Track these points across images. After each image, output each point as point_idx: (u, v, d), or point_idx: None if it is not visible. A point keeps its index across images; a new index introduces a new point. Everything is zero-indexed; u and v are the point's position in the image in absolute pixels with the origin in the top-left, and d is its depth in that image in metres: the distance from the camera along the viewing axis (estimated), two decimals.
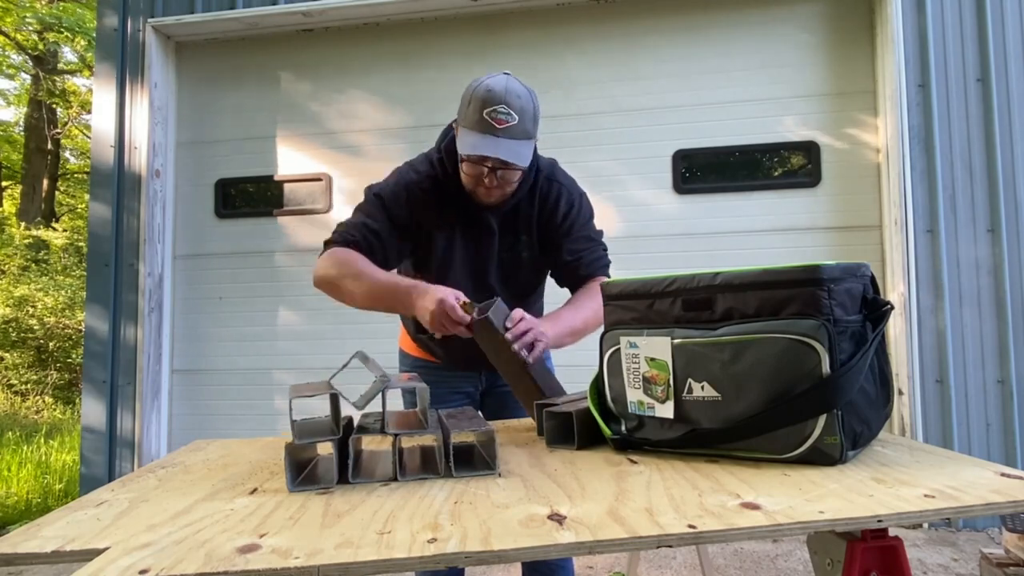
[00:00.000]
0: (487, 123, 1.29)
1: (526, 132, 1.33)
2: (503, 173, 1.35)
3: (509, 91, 1.31)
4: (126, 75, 3.81)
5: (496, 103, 1.29)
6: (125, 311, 3.72)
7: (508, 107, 1.29)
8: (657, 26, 3.61)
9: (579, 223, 1.51)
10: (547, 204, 1.49)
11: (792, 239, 3.45)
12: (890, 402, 1.00)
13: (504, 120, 1.29)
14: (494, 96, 1.30)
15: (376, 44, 3.84)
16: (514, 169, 1.35)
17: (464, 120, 1.34)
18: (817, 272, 0.89)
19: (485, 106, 1.29)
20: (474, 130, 1.31)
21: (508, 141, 1.30)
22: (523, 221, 1.49)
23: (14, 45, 10.94)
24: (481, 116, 1.30)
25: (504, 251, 1.50)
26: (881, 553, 0.79)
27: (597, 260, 1.51)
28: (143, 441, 3.64)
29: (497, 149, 1.30)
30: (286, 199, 3.92)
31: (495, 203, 1.43)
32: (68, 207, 13.37)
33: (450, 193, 1.45)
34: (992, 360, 3.12)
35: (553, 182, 1.50)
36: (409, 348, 1.69)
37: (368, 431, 1.00)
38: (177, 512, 0.84)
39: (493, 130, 1.29)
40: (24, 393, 7.83)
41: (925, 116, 3.23)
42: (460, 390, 1.64)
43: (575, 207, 1.51)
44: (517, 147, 1.32)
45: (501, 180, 1.36)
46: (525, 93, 1.34)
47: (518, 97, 1.31)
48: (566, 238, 1.49)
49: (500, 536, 0.70)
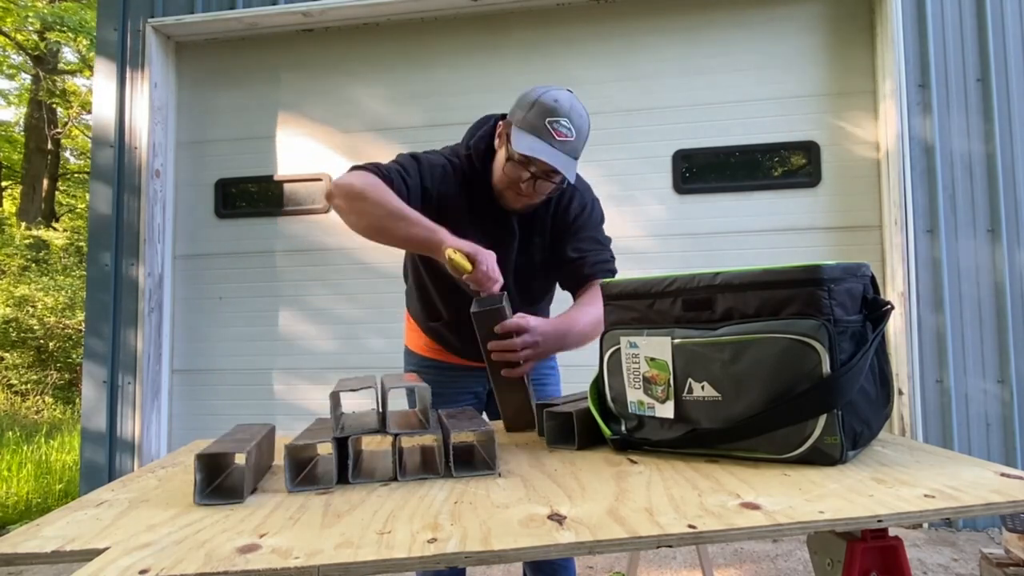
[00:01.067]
0: (547, 131, 1.31)
1: (577, 152, 1.36)
2: (541, 183, 1.37)
3: (574, 108, 1.33)
4: (126, 75, 3.81)
5: (561, 115, 1.31)
6: (125, 311, 3.72)
7: (571, 123, 1.32)
8: (657, 26, 3.61)
9: (589, 224, 1.51)
10: (560, 205, 1.49)
11: (792, 239, 3.45)
12: (890, 402, 1.00)
13: (564, 134, 1.31)
14: (560, 108, 1.31)
15: (376, 44, 3.84)
16: (555, 182, 1.37)
17: (522, 122, 1.34)
18: (817, 272, 0.89)
19: (549, 115, 1.31)
20: (532, 134, 1.32)
21: (563, 155, 1.32)
22: (538, 224, 1.50)
23: (14, 45, 10.94)
24: (543, 123, 1.31)
25: (520, 254, 1.50)
26: (881, 553, 0.79)
27: (602, 262, 1.49)
28: (143, 441, 3.64)
29: (554, 159, 1.31)
30: (286, 199, 3.92)
31: (520, 209, 1.44)
32: (68, 207, 13.38)
33: (476, 191, 1.46)
34: (992, 360, 3.12)
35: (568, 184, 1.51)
36: (416, 347, 1.69)
37: (368, 431, 1.00)
38: (177, 512, 0.84)
39: (552, 140, 1.31)
40: (24, 393, 7.83)
41: (925, 116, 3.23)
42: (468, 389, 1.64)
43: (587, 209, 1.51)
44: (569, 162, 1.33)
45: (537, 190, 1.38)
46: (585, 116, 1.36)
47: (579, 116, 1.34)
48: (574, 237, 1.49)
49: (500, 536, 0.70)
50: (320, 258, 3.79)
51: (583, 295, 1.48)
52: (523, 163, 1.34)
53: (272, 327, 3.82)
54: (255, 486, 0.95)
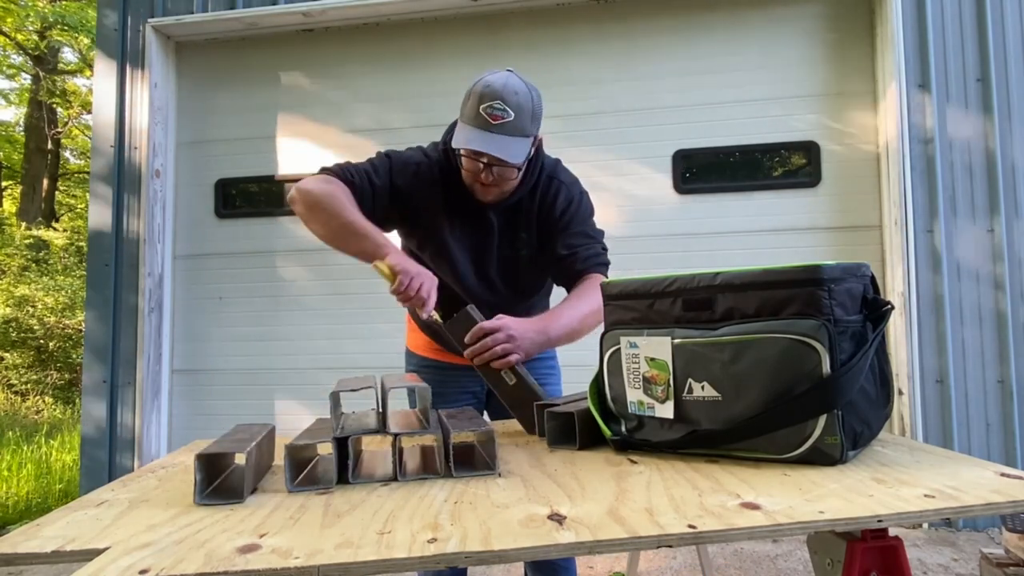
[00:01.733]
0: (483, 118, 1.29)
1: (522, 129, 1.32)
2: (499, 170, 1.35)
3: (507, 87, 1.30)
4: (126, 75, 3.81)
5: (493, 99, 1.28)
6: (125, 311, 3.72)
7: (504, 103, 1.28)
8: (657, 26, 3.61)
9: (577, 219, 1.49)
10: (546, 200, 1.48)
11: (792, 239, 3.44)
12: (890, 402, 1.00)
13: (499, 116, 1.28)
14: (492, 91, 1.29)
15: (376, 44, 3.84)
16: (508, 166, 1.34)
17: (462, 115, 1.34)
18: (817, 272, 0.89)
19: (482, 101, 1.29)
20: (470, 124, 1.31)
21: (502, 137, 1.29)
22: (523, 218, 1.48)
23: (14, 45, 10.94)
24: (478, 111, 1.29)
25: (504, 248, 1.49)
26: (881, 553, 0.79)
27: (594, 256, 1.48)
28: (143, 441, 3.64)
29: (489, 144, 1.29)
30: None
31: (493, 201, 1.43)
32: (68, 207, 13.38)
33: (452, 187, 1.45)
34: (992, 360, 3.12)
35: (553, 179, 1.50)
36: (416, 347, 1.69)
37: (368, 431, 1.00)
38: (177, 512, 0.84)
39: (488, 125, 1.29)
40: (24, 393, 7.83)
41: (925, 116, 3.23)
42: (466, 389, 1.64)
43: (574, 203, 1.49)
44: (510, 143, 1.30)
45: (498, 177, 1.36)
46: (524, 90, 1.32)
47: (515, 94, 1.30)
48: (563, 233, 1.47)
49: (500, 536, 0.70)
50: (320, 258, 3.78)
51: (574, 290, 1.46)
52: (472, 156, 1.33)
53: (272, 327, 3.82)
54: (255, 486, 0.95)
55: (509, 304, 1.50)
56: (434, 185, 1.45)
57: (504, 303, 1.50)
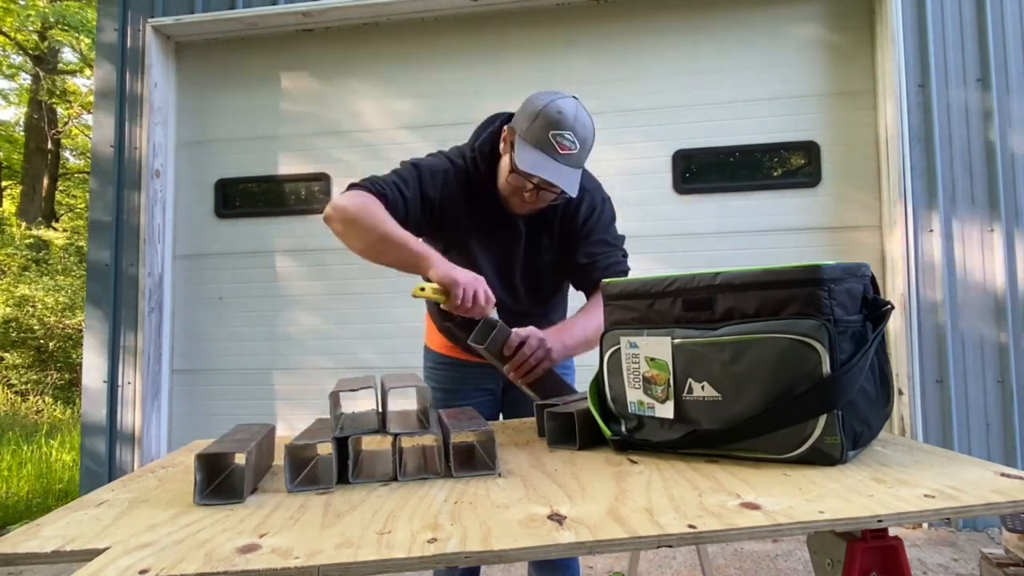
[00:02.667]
0: (551, 145, 1.30)
1: (581, 162, 1.35)
2: (544, 192, 1.36)
3: (578, 120, 1.32)
4: (126, 75, 3.81)
5: (565, 128, 1.30)
6: (125, 311, 3.72)
7: (575, 136, 1.30)
8: (657, 26, 3.61)
9: (599, 227, 1.50)
10: (569, 206, 1.49)
11: (792, 239, 3.44)
12: (890, 402, 1.00)
13: (568, 148, 1.30)
14: (565, 121, 1.30)
15: (376, 44, 3.84)
16: (557, 192, 1.36)
17: (526, 133, 1.33)
18: (817, 272, 0.89)
19: (553, 128, 1.30)
20: (536, 148, 1.31)
21: (566, 168, 1.31)
22: (547, 224, 1.49)
23: (14, 45, 10.94)
24: (547, 136, 1.30)
25: (529, 255, 1.50)
26: (881, 553, 0.79)
27: (614, 265, 1.49)
28: (143, 441, 3.64)
29: (557, 175, 1.30)
30: (286, 199, 3.92)
31: (525, 213, 1.45)
32: (68, 207, 13.37)
33: (480, 192, 1.46)
34: (992, 360, 3.12)
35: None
36: (434, 345, 1.71)
37: (368, 431, 1.00)
38: (177, 512, 0.84)
39: (555, 154, 1.30)
40: (24, 393, 7.83)
41: (925, 116, 3.23)
42: (482, 386, 1.65)
43: (596, 211, 1.51)
44: (572, 175, 1.33)
45: (540, 198, 1.38)
46: (590, 125, 1.35)
47: (584, 127, 1.32)
48: (584, 240, 1.48)
49: (500, 536, 0.70)
50: (320, 258, 3.78)
51: (592, 299, 1.49)
52: (526, 175, 1.34)
53: (272, 327, 3.82)
54: (255, 486, 0.95)
55: (529, 309, 1.52)
56: (461, 192, 1.46)
57: (524, 308, 1.52)
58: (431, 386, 1.68)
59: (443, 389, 1.66)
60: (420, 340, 1.79)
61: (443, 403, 1.63)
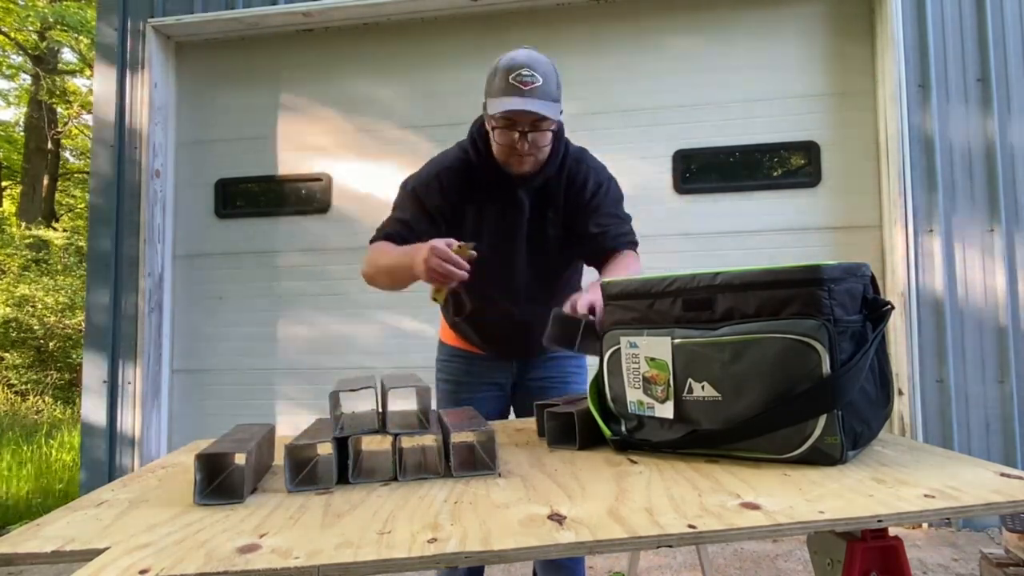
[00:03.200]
0: (514, 86, 1.33)
1: (552, 95, 1.38)
2: (534, 136, 1.38)
3: (531, 57, 1.37)
4: (126, 75, 3.81)
5: (520, 68, 1.34)
6: (125, 311, 3.72)
7: (532, 70, 1.35)
8: (657, 26, 3.61)
9: (608, 201, 1.52)
10: (575, 183, 1.51)
11: (792, 239, 3.44)
12: (890, 402, 1.00)
13: (530, 81, 1.34)
14: (518, 62, 1.35)
15: (376, 44, 3.84)
16: (544, 129, 1.38)
17: (491, 91, 1.38)
18: (818, 272, 0.89)
19: (510, 72, 1.34)
20: (502, 95, 1.35)
21: (536, 100, 1.34)
22: (552, 198, 1.51)
23: (14, 45, 10.94)
24: (508, 81, 1.34)
25: (533, 228, 1.51)
26: (881, 553, 0.79)
27: (624, 234, 1.51)
28: (143, 441, 3.64)
29: (527, 104, 1.33)
30: (286, 199, 3.92)
31: (529, 171, 1.45)
32: (68, 207, 13.37)
33: (481, 173, 1.48)
34: (992, 360, 3.12)
35: (582, 163, 1.54)
36: (447, 339, 1.73)
37: (368, 431, 1.00)
38: (177, 512, 0.84)
39: (520, 92, 1.33)
40: (24, 393, 7.83)
41: (925, 116, 3.23)
42: (492, 380, 1.66)
43: (603, 187, 1.53)
44: (546, 106, 1.35)
45: (532, 144, 1.39)
46: (546, 60, 1.40)
47: (539, 63, 1.37)
48: (594, 213, 1.50)
49: (500, 536, 0.70)
50: (320, 258, 3.78)
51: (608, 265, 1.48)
52: (508, 124, 1.37)
53: (272, 327, 3.82)
54: (255, 486, 0.95)
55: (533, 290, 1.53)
56: (458, 181, 1.49)
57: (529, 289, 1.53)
58: (442, 378, 1.70)
59: (454, 382, 1.68)
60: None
61: (453, 395, 1.66)
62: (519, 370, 1.66)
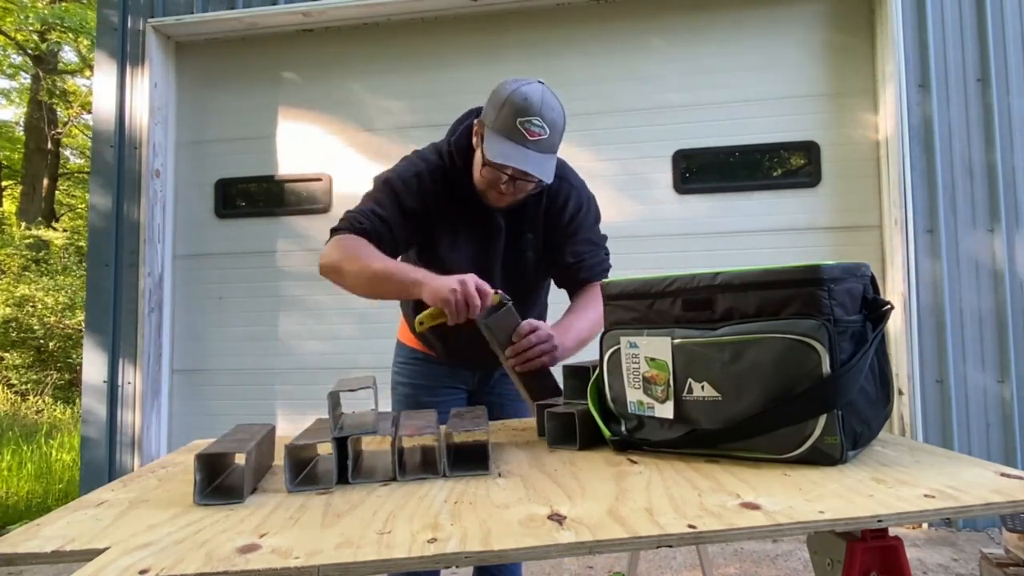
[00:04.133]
0: (520, 133, 1.28)
1: (553, 146, 1.33)
2: (520, 183, 1.35)
3: (545, 103, 1.30)
4: (126, 75, 3.81)
5: (532, 114, 1.28)
6: (125, 311, 3.72)
7: (543, 120, 1.29)
8: (657, 26, 3.61)
9: (585, 225, 1.49)
10: (556, 203, 1.47)
11: (792, 239, 3.44)
12: (890, 402, 1.00)
13: (537, 133, 1.28)
14: (531, 107, 1.28)
15: (376, 44, 3.84)
16: (533, 180, 1.34)
17: (494, 124, 1.31)
18: (817, 272, 0.89)
19: (520, 115, 1.28)
20: (505, 137, 1.29)
21: (537, 154, 1.30)
22: (529, 220, 1.47)
23: (14, 45, 10.94)
24: (514, 124, 1.28)
25: (510, 250, 1.48)
26: (881, 553, 0.79)
27: (598, 264, 1.50)
28: (143, 441, 3.64)
29: (527, 162, 1.29)
30: (286, 199, 3.92)
31: (503, 207, 1.43)
32: (68, 207, 13.37)
33: (458, 187, 1.44)
34: (992, 360, 3.12)
35: (564, 181, 1.49)
36: (407, 340, 1.68)
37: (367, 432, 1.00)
38: (177, 512, 0.84)
39: (524, 141, 1.28)
40: (24, 393, 7.83)
41: (925, 116, 3.23)
42: (453, 385, 1.63)
43: (583, 209, 1.50)
44: (545, 161, 1.31)
45: (517, 188, 1.36)
46: (558, 108, 1.33)
47: (552, 110, 1.31)
48: (571, 239, 1.47)
49: (500, 536, 0.70)
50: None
51: (579, 298, 1.47)
52: (498, 167, 1.32)
53: (272, 327, 3.82)
54: (255, 486, 0.95)
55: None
56: (439, 188, 1.44)
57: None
58: (400, 381, 1.65)
59: (412, 385, 1.63)
60: None
61: (412, 399, 1.60)
62: (480, 381, 1.63)
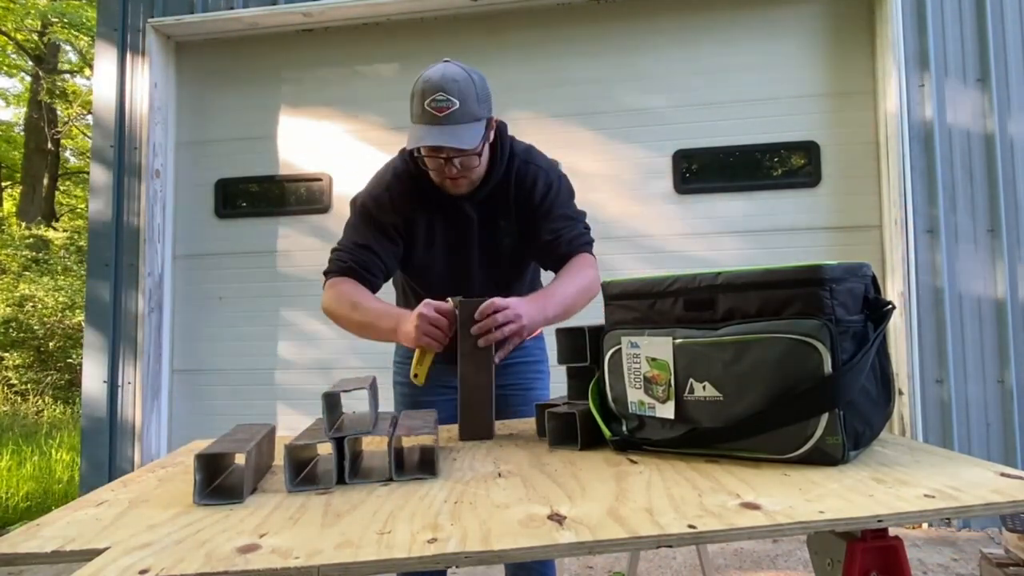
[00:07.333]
0: (429, 113, 1.29)
1: (471, 114, 1.31)
2: (461, 161, 1.34)
3: (446, 77, 1.30)
4: (126, 75, 3.81)
5: (434, 92, 1.28)
6: (125, 311, 3.72)
7: (446, 93, 1.28)
8: (657, 26, 3.61)
9: (558, 203, 1.48)
10: (524, 186, 1.47)
11: (792, 239, 3.44)
12: (891, 402, 1.00)
13: (444, 107, 1.28)
14: (432, 85, 1.29)
15: (376, 44, 3.84)
16: (468, 154, 1.34)
17: (412, 116, 1.34)
18: (819, 272, 0.89)
19: (424, 97, 1.29)
20: (418, 123, 1.31)
21: (451, 127, 1.29)
22: (501, 207, 1.47)
23: (14, 45, 10.94)
24: (423, 108, 1.29)
25: (485, 239, 1.49)
26: (881, 553, 0.79)
27: (578, 237, 1.48)
28: (143, 441, 3.64)
29: (439, 137, 1.29)
30: (286, 199, 3.92)
31: (465, 192, 1.43)
32: (68, 207, 13.37)
33: (425, 188, 1.45)
34: (992, 360, 3.12)
35: (530, 164, 1.49)
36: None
37: (366, 432, 1.00)
38: (177, 512, 0.84)
39: (435, 119, 1.28)
40: (24, 393, 7.83)
41: (925, 116, 3.23)
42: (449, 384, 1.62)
43: (553, 188, 1.48)
44: (461, 131, 1.30)
45: (462, 168, 1.36)
46: (464, 76, 1.32)
47: (455, 81, 1.30)
48: (545, 218, 1.46)
49: (500, 536, 0.70)
50: (320, 258, 3.76)
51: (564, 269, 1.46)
52: (430, 153, 1.34)
53: (272, 327, 3.82)
54: (255, 486, 0.95)
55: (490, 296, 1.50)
56: (407, 191, 1.45)
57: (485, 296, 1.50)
58: (399, 381, 1.66)
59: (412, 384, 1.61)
60: None
61: (409, 398, 1.62)
62: None
